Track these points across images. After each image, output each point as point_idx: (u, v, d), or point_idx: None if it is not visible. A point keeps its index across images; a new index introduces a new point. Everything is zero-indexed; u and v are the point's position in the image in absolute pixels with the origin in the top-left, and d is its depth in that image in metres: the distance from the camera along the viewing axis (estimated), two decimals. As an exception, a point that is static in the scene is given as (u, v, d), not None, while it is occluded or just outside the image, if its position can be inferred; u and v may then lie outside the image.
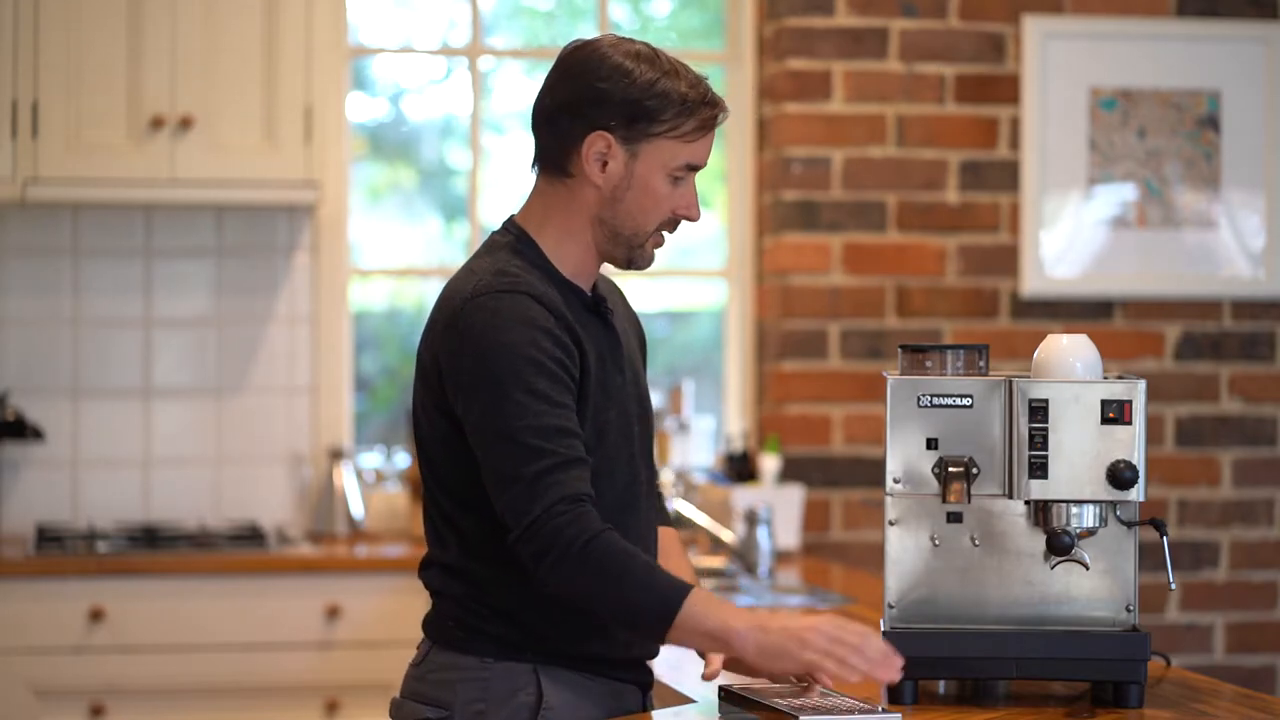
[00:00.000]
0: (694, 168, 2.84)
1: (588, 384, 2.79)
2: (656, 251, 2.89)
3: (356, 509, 5.42)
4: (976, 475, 2.91)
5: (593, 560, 2.66)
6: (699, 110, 2.81)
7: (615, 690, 2.88)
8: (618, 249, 2.85)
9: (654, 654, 2.94)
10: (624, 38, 2.86)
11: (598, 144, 2.80)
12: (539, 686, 2.80)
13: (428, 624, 2.91)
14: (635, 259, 2.86)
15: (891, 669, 2.67)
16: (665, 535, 3.05)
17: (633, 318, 3.03)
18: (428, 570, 2.90)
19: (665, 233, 2.87)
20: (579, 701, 2.83)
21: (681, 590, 2.67)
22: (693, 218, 2.86)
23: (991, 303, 5.58)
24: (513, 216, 2.91)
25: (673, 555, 3.03)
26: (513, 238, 2.86)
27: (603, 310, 2.89)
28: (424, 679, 2.89)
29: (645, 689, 2.94)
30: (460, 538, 2.82)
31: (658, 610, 2.66)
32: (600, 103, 2.79)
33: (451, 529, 2.83)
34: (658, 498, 3.06)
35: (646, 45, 2.85)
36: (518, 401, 2.70)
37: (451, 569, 2.84)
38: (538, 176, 2.89)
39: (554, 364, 2.74)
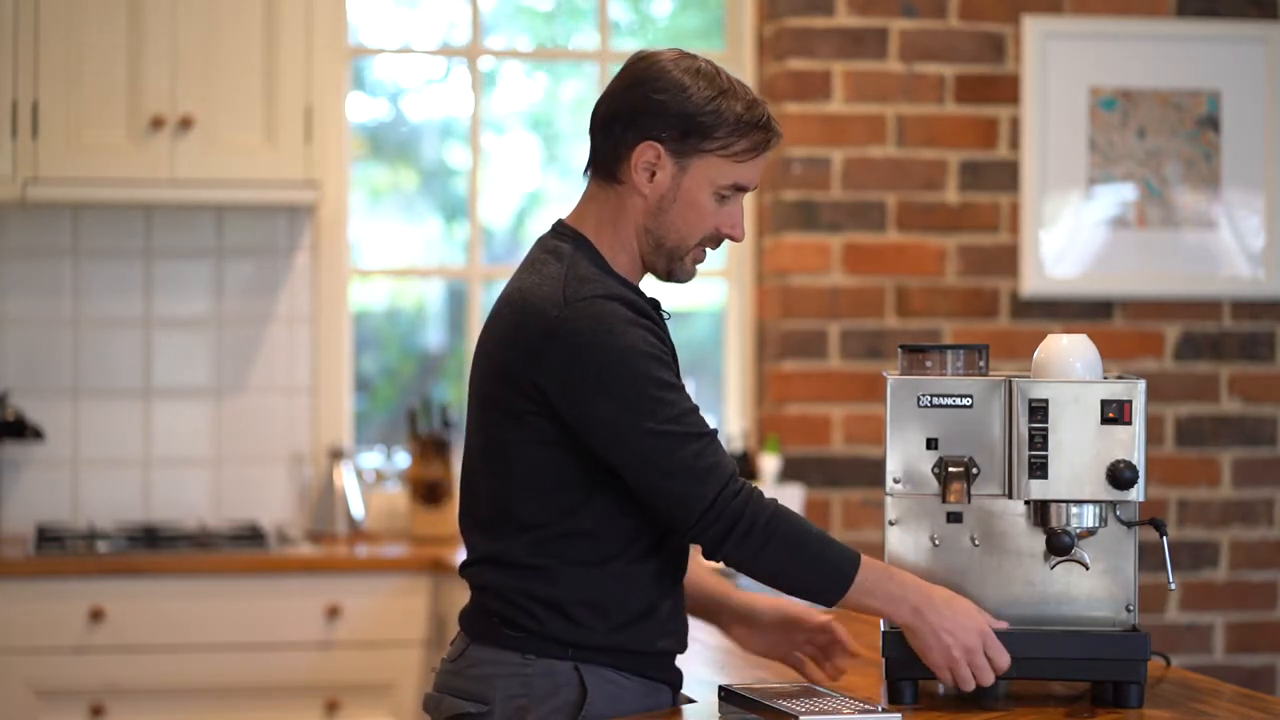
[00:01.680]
0: (741, 188, 2.88)
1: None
2: (698, 267, 2.94)
3: (356, 509, 5.42)
4: (976, 475, 2.91)
5: (780, 532, 2.79)
6: (752, 133, 2.86)
7: (651, 689, 2.90)
8: (659, 260, 2.91)
9: (684, 649, 2.97)
10: (687, 53, 2.90)
11: (647, 154, 2.84)
12: (582, 684, 2.83)
13: (466, 619, 2.92)
14: (675, 271, 2.92)
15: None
16: None
17: None
18: (473, 567, 2.92)
19: (708, 249, 2.92)
20: (618, 700, 2.85)
21: (853, 560, 2.82)
22: (736, 237, 2.91)
23: (991, 303, 5.58)
24: (564, 220, 2.94)
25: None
26: (574, 243, 2.89)
27: (661, 312, 2.93)
28: (462, 674, 2.89)
29: (676, 688, 2.96)
30: (525, 532, 2.84)
31: (835, 580, 2.81)
32: (655, 114, 2.84)
33: (514, 524, 2.85)
34: None
35: (709, 63, 2.89)
36: (656, 398, 2.78)
37: (506, 563, 2.86)
38: (589, 181, 2.93)
39: (665, 354, 2.83)
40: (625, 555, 2.84)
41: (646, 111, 2.84)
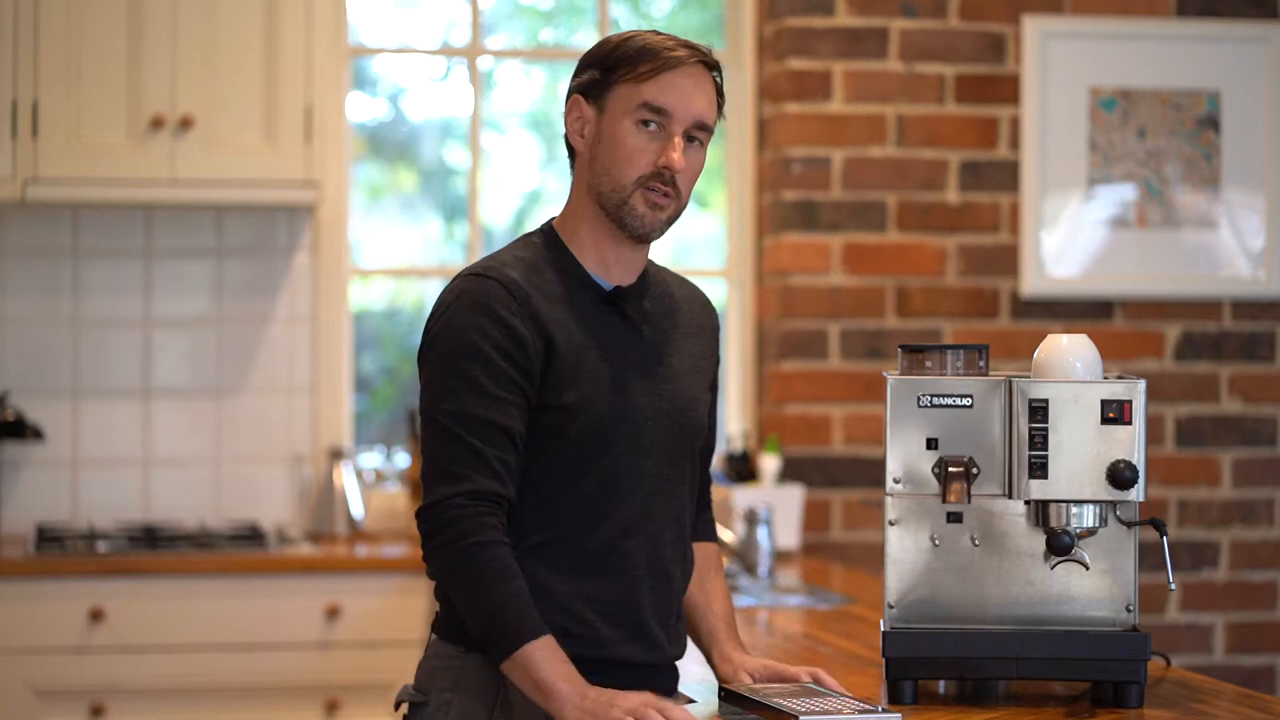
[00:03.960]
0: (657, 110, 2.78)
1: (557, 372, 2.76)
2: (658, 215, 2.79)
3: (356, 509, 5.42)
4: (976, 475, 2.91)
5: (473, 563, 2.69)
6: (659, 54, 2.80)
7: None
8: (610, 213, 2.81)
9: (659, 659, 2.90)
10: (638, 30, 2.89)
11: (574, 111, 2.85)
12: (502, 682, 2.78)
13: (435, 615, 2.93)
14: (625, 219, 2.79)
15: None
16: (704, 552, 3.03)
17: (702, 322, 2.99)
18: (425, 562, 2.90)
19: (656, 192, 2.78)
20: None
21: (534, 631, 2.68)
22: (672, 166, 2.77)
23: (991, 303, 5.58)
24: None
25: (707, 574, 3.01)
26: (539, 230, 2.90)
27: (619, 304, 2.86)
28: (421, 665, 2.92)
29: (662, 695, 2.90)
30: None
31: (505, 638, 2.68)
32: (578, 73, 2.86)
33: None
34: (705, 509, 3.05)
35: (653, 32, 2.87)
36: (450, 387, 2.74)
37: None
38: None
39: (499, 354, 2.73)
40: (542, 555, 2.78)
41: (574, 75, 2.87)
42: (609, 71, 2.81)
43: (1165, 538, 2.96)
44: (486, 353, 2.73)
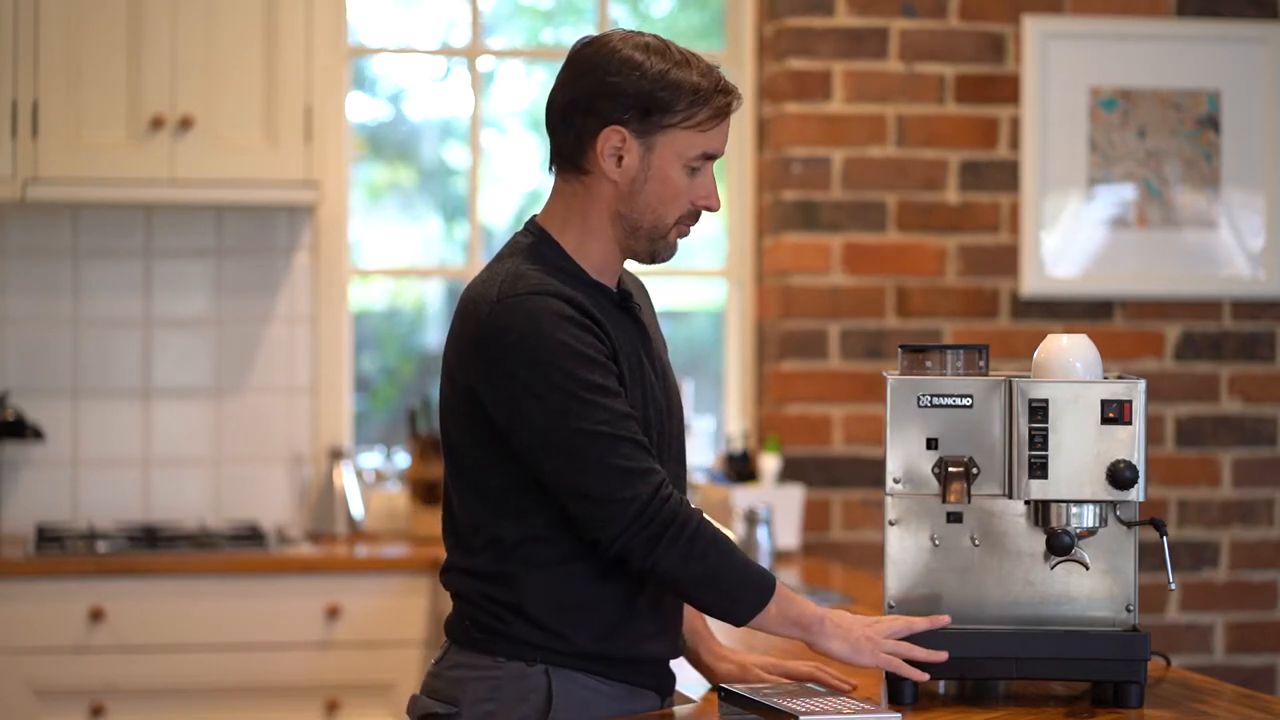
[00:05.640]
0: (710, 157, 2.83)
1: (623, 382, 2.79)
2: (680, 242, 2.87)
3: (356, 509, 5.42)
4: (976, 475, 2.91)
5: (703, 541, 2.74)
6: (712, 99, 2.80)
7: (630, 693, 2.86)
8: (639, 243, 2.84)
9: (675, 654, 2.93)
10: (633, 31, 2.85)
11: (612, 139, 2.79)
12: (549, 689, 2.80)
13: (448, 625, 2.91)
14: (658, 251, 2.85)
15: (939, 656, 2.85)
16: None
17: (653, 311, 3.03)
18: (448, 574, 2.89)
19: (687, 224, 2.85)
20: (590, 705, 2.81)
21: (771, 578, 2.79)
22: (712, 207, 2.85)
23: (991, 303, 5.58)
24: (535, 217, 2.90)
25: None
26: (534, 239, 2.85)
27: (630, 306, 2.88)
28: (440, 676, 2.88)
29: (664, 694, 2.92)
30: (488, 542, 2.81)
31: (760, 593, 2.77)
32: (612, 97, 2.78)
33: (479, 533, 2.82)
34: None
35: (656, 37, 2.84)
36: (583, 399, 2.71)
37: (473, 572, 2.83)
38: (555, 176, 2.88)
39: (599, 354, 2.75)
40: (588, 558, 2.79)
41: (603, 96, 2.79)
42: (663, 113, 2.78)
43: (1165, 538, 2.96)
44: (591, 356, 2.73)
